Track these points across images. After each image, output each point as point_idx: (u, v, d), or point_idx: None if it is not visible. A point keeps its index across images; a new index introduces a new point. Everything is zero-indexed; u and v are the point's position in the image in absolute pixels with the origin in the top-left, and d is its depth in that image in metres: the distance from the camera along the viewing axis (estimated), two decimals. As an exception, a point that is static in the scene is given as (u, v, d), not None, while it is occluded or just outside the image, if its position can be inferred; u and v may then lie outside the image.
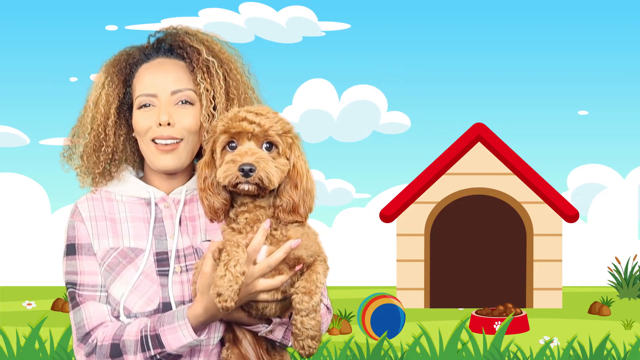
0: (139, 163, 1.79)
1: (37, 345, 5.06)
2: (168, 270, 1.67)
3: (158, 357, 1.60)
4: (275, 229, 1.54)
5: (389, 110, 9.43)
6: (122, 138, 1.72)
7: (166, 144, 1.66)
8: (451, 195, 7.75)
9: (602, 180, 9.27)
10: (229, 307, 1.45)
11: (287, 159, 1.52)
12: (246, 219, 1.53)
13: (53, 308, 7.39)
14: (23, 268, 9.18)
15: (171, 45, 1.73)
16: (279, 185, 1.52)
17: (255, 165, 1.46)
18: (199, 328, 1.59)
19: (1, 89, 9.58)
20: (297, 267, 1.54)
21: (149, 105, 1.67)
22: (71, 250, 1.69)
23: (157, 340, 1.59)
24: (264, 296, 1.55)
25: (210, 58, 1.69)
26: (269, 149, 1.50)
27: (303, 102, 9.47)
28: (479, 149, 7.77)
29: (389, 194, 8.13)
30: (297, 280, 1.55)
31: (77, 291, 1.66)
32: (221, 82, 1.69)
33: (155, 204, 1.72)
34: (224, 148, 1.51)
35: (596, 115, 9.19)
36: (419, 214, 7.74)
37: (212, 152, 1.54)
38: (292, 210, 1.52)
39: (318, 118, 9.46)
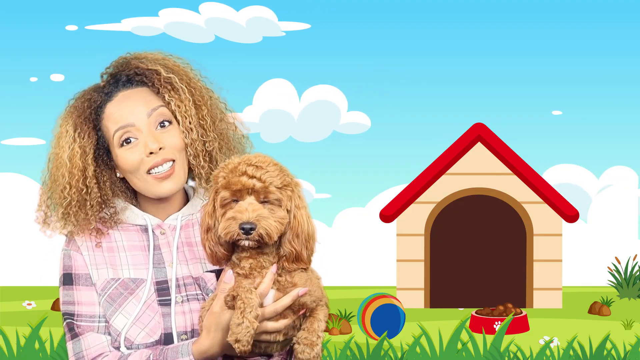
0: (130, 195, 1.75)
1: (37, 345, 5.06)
2: (169, 300, 1.67)
3: None
4: (280, 275, 1.58)
5: (349, 110, 9.46)
6: (107, 184, 1.69)
7: (164, 172, 1.65)
8: (451, 195, 7.75)
9: (576, 180, 9.28)
10: (246, 350, 1.50)
11: (288, 210, 1.56)
12: (250, 264, 1.57)
13: (53, 308, 7.39)
14: (23, 268, 9.18)
15: (127, 76, 1.69)
16: (281, 236, 1.57)
17: (255, 224, 1.50)
18: None
19: (-40, 90, 9.58)
20: (301, 312, 1.59)
21: (131, 140, 1.64)
22: (68, 280, 1.67)
23: None
24: (265, 337, 1.59)
25: (171, 75, 1.68)
26: (265, 202, 1.54)
27: (263, 102, 9.48)
28: (479, 149, 7.77)
29: (389, 194, 8.13)
30: (299, 322, 1.61)
31: (75, 322, 1.65)
32: (187, 94, 1.67)
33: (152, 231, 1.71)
34: (225, 202, 1.55)
35: (570, 115, 9.23)
36: (419, 214, 7.74)
37: (214, 201, 1.57)
38: (296, 259, 1.58)
39: (278, 118, 9.46)
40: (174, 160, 1.66)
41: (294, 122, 9.54)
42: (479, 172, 7.75)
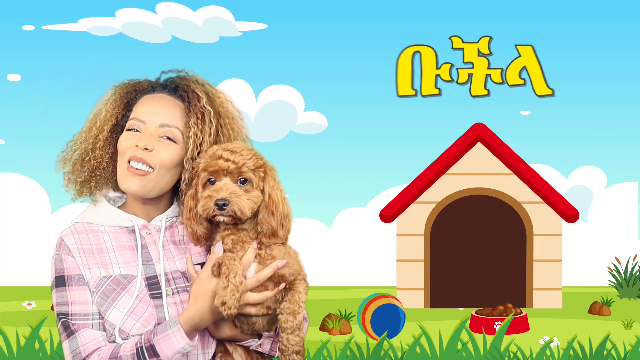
0: (118, 186, 1.85)
1: (37, 345, 5.06)
2: (160, 293, 1.74)
3: None
4: (260, 249, 1.71)
5: (305, 110, 9.48)
6: (107, 156, 1.81)
7: (137, 168, 1.73)
8: (451, 195, 7.75)
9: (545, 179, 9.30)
10: (232, 313, 1.62)
11: (262, 190, 1.71)
12: (232, 240, 1.71)
13: (53, 308, 7.39)
14: (23, 268, 9.18)
15: (177, 86, 1.83)
16: (259, 214, 1.71)
17: (229, 200, 1.66)
18: (191, 333, 1.65)
19: None
20: (281, 286, 1.72)
21: (136, 130, 1.76)
22: (60, 282, 1.75)
23: (152, 350, 1.63)
24: (251, 310, 1.69)
25: (208, 107, 1.79)
26: (243, 183, 1.70)
27: (220, 102, 9.56)
28: (479, 149, 7.77)
29: (389, 194, 8.13)
30: (281, 296, 1.73)
31: (69, 320, 1.71)
32: (212, 131, 1.79)
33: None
34: (205, 184, 1.70)
35: (538, 115, 9.25)
36: (419, 214, 7.74)
37: (196, 185, 1.71)
38: (272, 234, 1.71)
39: (235, 118, 9.53)
40: (152, 168, 1.74)
41: (250, 122, 9.56)
42: (479, 172, 7.75)
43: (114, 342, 1.69)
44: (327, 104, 9.74)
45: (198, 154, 1.76)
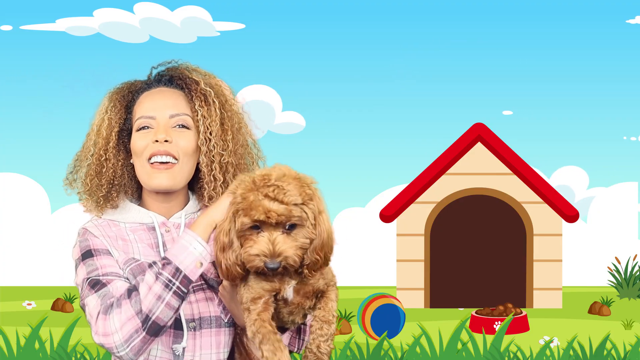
0: (137, 191, 1.84)
1: (37, 345, 5.06)
2: None
3: (173, 281, 1.61)
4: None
5: (283, 110, 9.50)
6: (120, 163, 1.78)
7: (162, 162, 1.72)
8: (451, 195, 7.75)
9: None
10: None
11: (312, 223, 1.58)
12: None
13: (53, 308, 7.39)
14: (23, 268, 9.18)
15: (171, 77, 1.81)
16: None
17: (281, 262, 1.54)
18: (206, 239, 1.63)
19: None
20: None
21: (147, 127, 1.74)
22: (88, 254, 1.71)
23: (169, 264, 1.61)
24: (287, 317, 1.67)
25: (208, 88, 1.78)
26: (292, 228, 1.55)
27: (198, 102, 9.62)
28: (479, 149, 7.77)
29: (389, 194, 8.13)
30: (312, 302, 1.67)
31: (101, 277, 1.67)
32: (217, 110, 1.77)
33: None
34: (246, 228, 1.56)
35: (521, 115, 9.29)
36: (419, 214, 7.74)
37: (232, 221, 1.58)
38: (318, 268, 1.61)
39: (213, 118, 9.58)
40: (176, 159, 1.74)
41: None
42: (479, 172, 7.75)
43: None
44: (305, 104, 9.80)
45: (210, 134, 1.75)
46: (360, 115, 9.86)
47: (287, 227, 1.55)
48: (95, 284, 1.67)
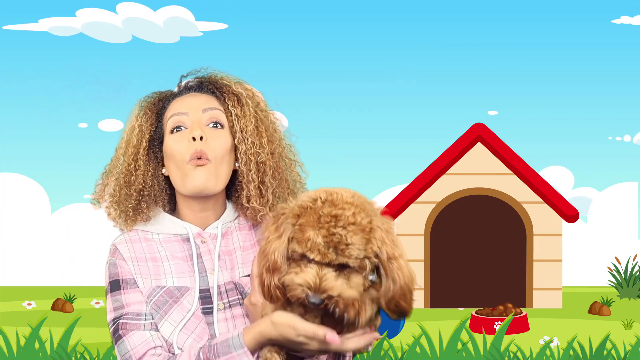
0: (169, 203, 1.77)
1: (37, 345, 5.06)
2: (212, 308, 1.66)
3: None
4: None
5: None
6: (150, 173, 1.71)
7: (199, 158, 1.65)
8: (451, 195, 7.75)
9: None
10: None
11: (385, 274, 1.45)
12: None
13: (53, 308, 7.39)
14: (23, 268, 9.18)
15: (201, 82, 1.77)
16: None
17: (324, 300, 1.38)
18: (254, 351, 1.54)
19: None
20: None
21: (181, 127, 1.68)
22: (115, 286, 1.67)
23: None
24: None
25: (240, 90, 1.74)
26: (344, 266, 1.39)
27: (181, 102, 9.68)
28: (479, 149, 7.77)
29: (389, 194, 8.13)
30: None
31: (120, 322, 1.64)
32: (251, 110, 1.72)
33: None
34: (296, 254, 1.41)
35: (506, 115, 9.30)
36: (419, 214, 7.74)
37: (286, 241, 1.42)
38: (406, 314, 1.49)
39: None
40: (209, 160, 1.67)
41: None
42: (479, 172, 7.75)
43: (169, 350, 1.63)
44: (287, 104, 9.79)
45: (246, 133, 1.69)
46: (360, 116, 9.86)
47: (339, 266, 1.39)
48: (115, 332, 1.64)
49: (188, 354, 1.58)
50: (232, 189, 1.76)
